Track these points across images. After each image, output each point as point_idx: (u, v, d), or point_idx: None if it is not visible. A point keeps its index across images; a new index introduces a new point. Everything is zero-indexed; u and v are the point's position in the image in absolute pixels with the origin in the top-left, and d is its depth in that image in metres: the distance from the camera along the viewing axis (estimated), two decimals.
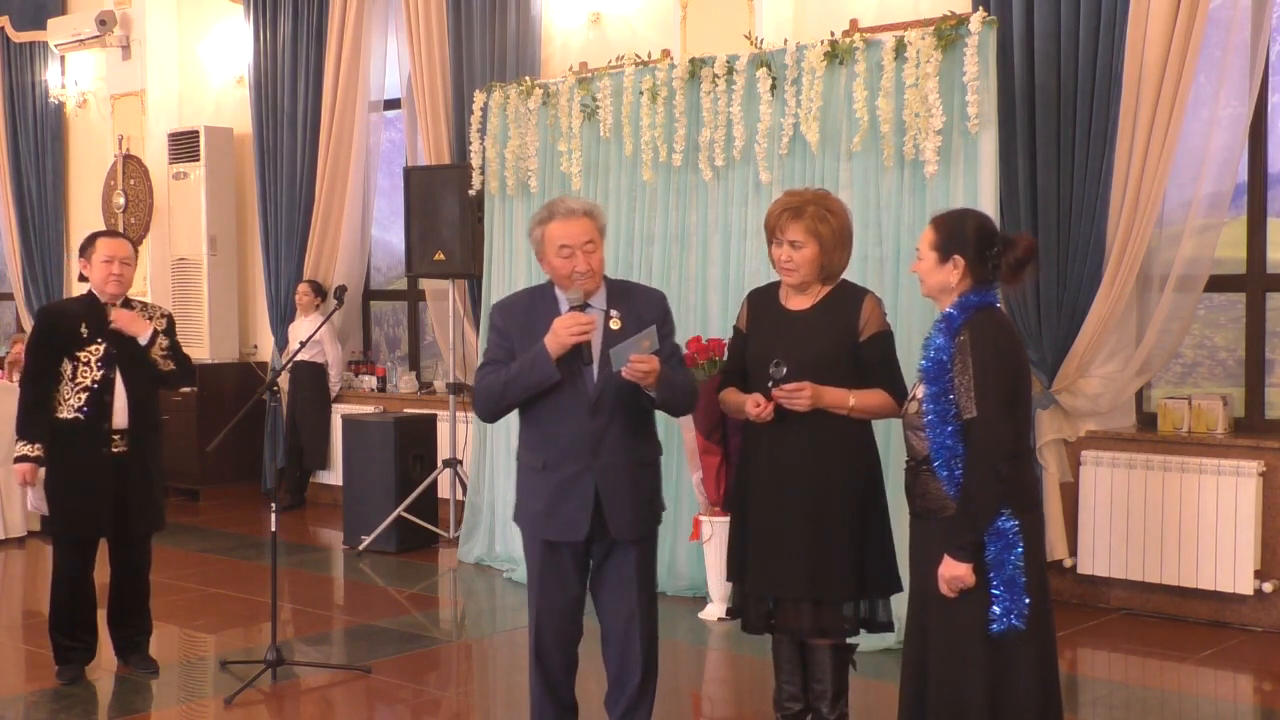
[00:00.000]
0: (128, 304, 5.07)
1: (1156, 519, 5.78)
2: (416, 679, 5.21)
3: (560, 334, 3.69)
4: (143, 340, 4.95)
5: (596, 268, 3.80)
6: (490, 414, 3.90)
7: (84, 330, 4.94)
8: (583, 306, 3.77)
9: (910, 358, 5.24)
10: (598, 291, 3.84)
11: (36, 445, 4.89)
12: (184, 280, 9.62)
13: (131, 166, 9.97)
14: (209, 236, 9.49)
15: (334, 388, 8.80)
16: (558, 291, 3.86)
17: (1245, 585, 5.59)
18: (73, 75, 10.68)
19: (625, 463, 3.81)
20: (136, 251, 5.19)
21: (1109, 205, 5.70)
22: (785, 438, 3.86)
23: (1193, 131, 5.63)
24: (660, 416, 3.99)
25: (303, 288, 8.73)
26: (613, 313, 3.81)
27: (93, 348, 4.94)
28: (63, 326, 4.96)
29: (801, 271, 3.92)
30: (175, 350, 5.11)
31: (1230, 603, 5.69)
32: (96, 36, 9.86)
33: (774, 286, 4.08)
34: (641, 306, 3.88)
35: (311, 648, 5.63)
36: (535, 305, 3.87)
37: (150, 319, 5.05)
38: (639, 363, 3.64)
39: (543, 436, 3.82)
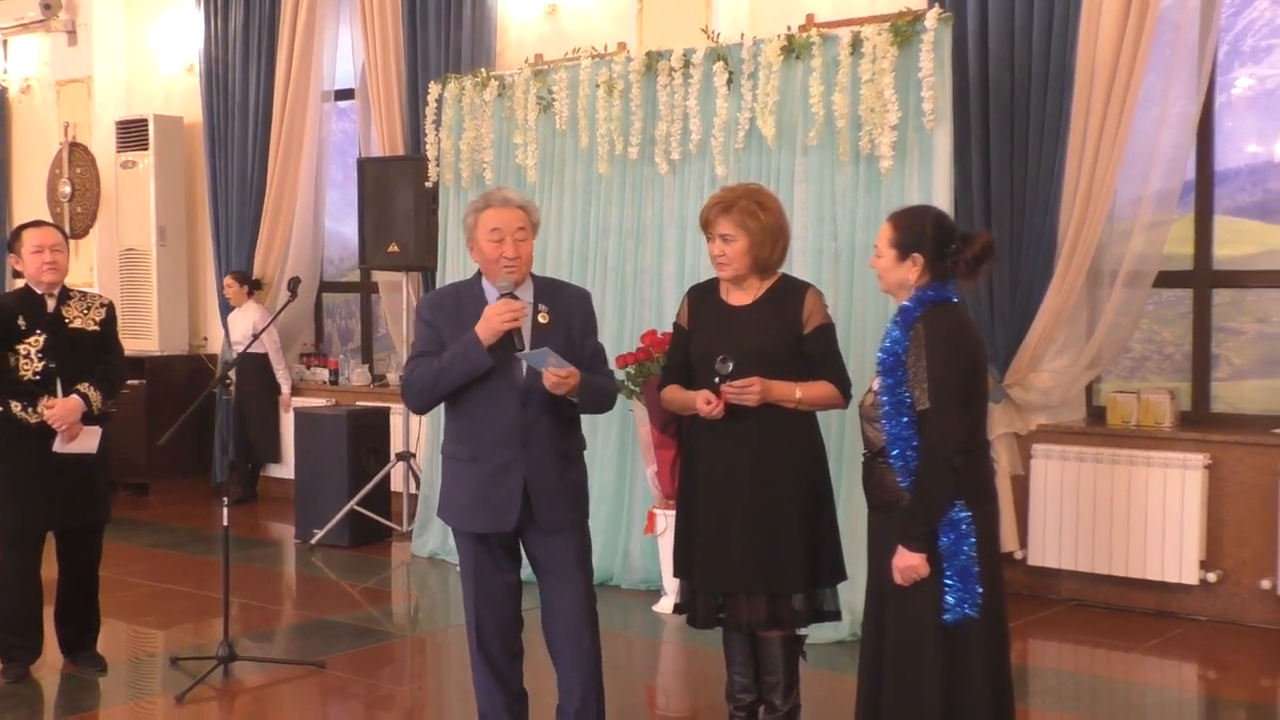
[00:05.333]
0: (66, 292, 5.00)
1: (1106, 511, 5.86)
2: (370, 674, 5.18)
3: (492, 320, 3.71)
4: (91, 445, 4.95)
5: (524, 256, 3.82)
6: (422, 404, 3.91)
7: (21, 323, 4.87)
8: (511, 295, 3.78)
9: (865, 351, 5.31)
10: (524, 284, 3.86)
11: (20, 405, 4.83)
12: (132, 271, 9.49)
13: (78, 155, 9.81)
14: (158, 226, 9.37)
15: (285, 381, 8.67)
16: (485, 284, 3.87)
17: (1191, 576, 5.69)
18: (15, 60, 10.49)
19: (553, 454, 3.84)
20: (67, 238, 5.13)
21: (1061, 201, 5.76)
22: (733, 432, 3.87)
23: (1143, 129, 5.70)
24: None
25: (228, 280, 8.63)
26: (541, 307, 3.83)
27: (31, 339, 4.87)
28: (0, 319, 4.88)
29: (734, 265, 3.94)
30: (112, 342, 5.08)
31: (1176, 593, 5.78)
32: (41, 21, 9.69)
33: (714, 283, 4.10)
34: (570, 304, 3.92)
35: (264, 643, 5.59)
36: (463, 298, 3.89)
37: (90, 315, 5.01)
38: (555, 375, 3.67)
39: (472, 427, 3.82)
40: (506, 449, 3.78)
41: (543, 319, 3.80)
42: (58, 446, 4.89)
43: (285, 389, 8.64)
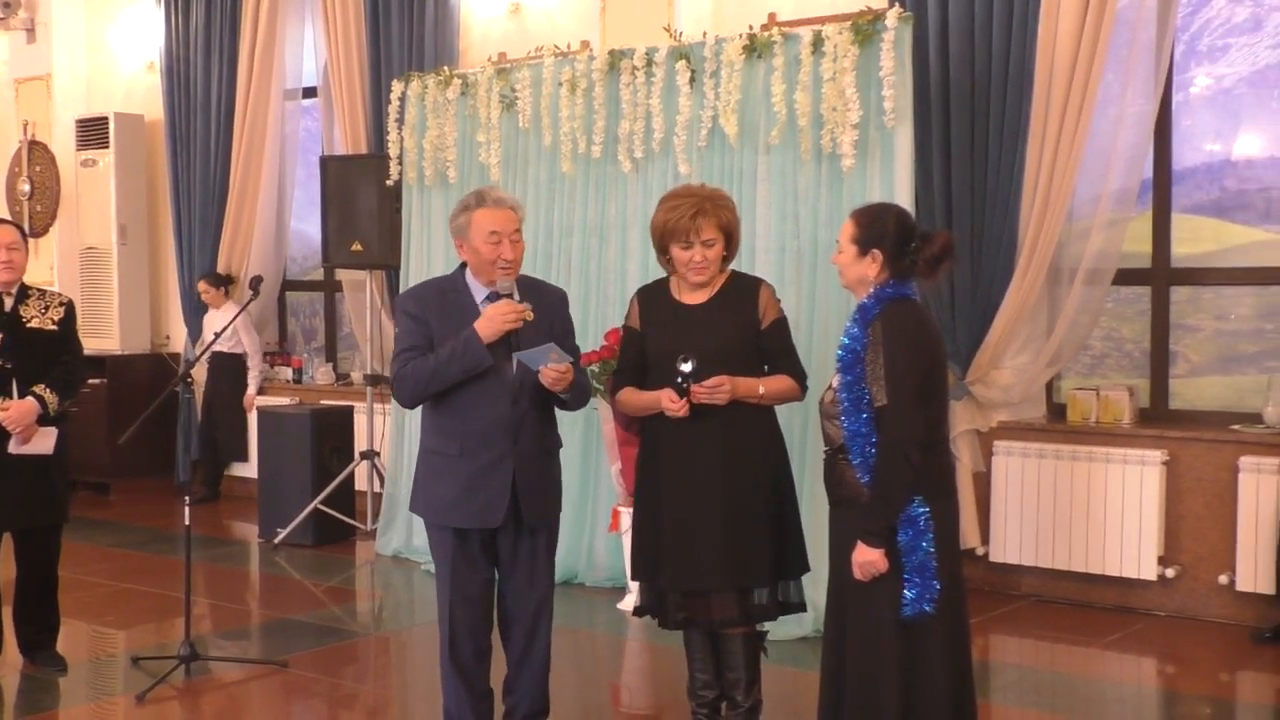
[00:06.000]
0: (25, 291, 4.96)
1: (1066, 507, 5.91)
2: (334, 673, 5.16)
3: (496, 320, 3.72)
4: (48, 446, 4.91)
5: (519, 258, 3.85)
6: (415, 399, 3.88)
7: None
8: (508, 296, 3.79)
9: (827, 348, 5.33)
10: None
11: None
12: (93, 270, 9.40)
13: (37, 153, 9.71)
14: (119, 225, 9.28)
15: (254, 382, 8.59)
16: (470, 281, 3.87)
17: (1149, 571, 5.75)
18: None
19: (539, 449, 3.87)
20: (25, 237, 5.08)
21: (1021, 200, 5.81)
22: (698, 430, 3.88)
23: (1101, 129, 5.75)
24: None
25: (201, 285, 8.56)
26: (526, 305, 3.83)
27: None
28: None
29: (712, 268, 3.97)
30: (71, 342, 5.03)
31: (1135, 588, 5.84)
32: None
33: (663, 283, 4.11)
34: (551, 303, 3.93)
35: (227, 642, 5.55)
36: (448, 295, 3.89)
37: (49, 314, 4.96)
38: (555, 371, 3.68)
39: (462, 423, 3.81)
40: (497, 444, 3.78)
41: (529, 317, 3.81)
42: (13, 448, 4.84)
43: (252, 389, 8.58)
